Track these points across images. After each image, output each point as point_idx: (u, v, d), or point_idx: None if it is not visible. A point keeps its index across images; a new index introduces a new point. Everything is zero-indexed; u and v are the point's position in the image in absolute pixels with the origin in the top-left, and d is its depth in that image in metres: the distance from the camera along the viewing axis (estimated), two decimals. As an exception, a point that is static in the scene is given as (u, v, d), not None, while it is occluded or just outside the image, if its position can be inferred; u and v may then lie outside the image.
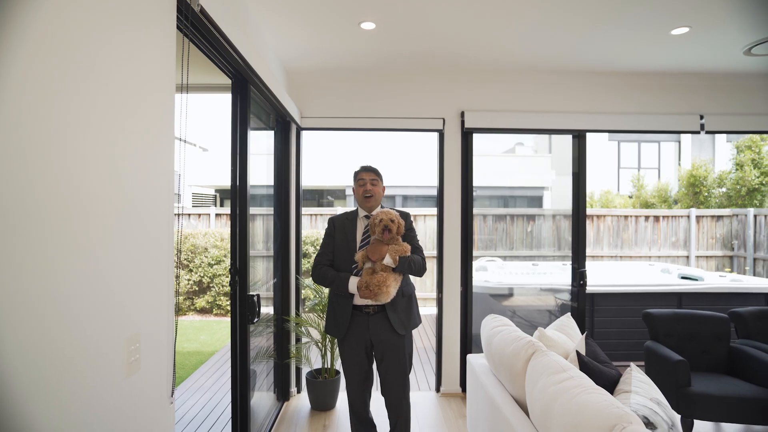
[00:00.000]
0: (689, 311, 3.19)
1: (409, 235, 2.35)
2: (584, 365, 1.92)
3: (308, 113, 3.53)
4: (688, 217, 7.99)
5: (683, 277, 5.61)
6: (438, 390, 3.64)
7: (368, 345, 2.30)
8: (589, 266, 7.27)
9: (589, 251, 8.09)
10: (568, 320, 2.46)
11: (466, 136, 3.55)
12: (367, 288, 2.11)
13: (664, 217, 8.11)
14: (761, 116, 3.52)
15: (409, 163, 10.67)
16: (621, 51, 2.97)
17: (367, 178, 2.35)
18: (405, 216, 2.35)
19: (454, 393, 3.58)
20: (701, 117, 3.52)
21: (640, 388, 1.78)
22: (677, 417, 1.72)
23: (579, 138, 3.65)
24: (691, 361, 3.04)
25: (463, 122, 3.50)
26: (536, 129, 3.59)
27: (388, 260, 2.16)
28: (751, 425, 2.91)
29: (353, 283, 2.21)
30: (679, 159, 13.10)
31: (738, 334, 3.26)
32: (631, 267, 6.84)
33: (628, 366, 1.98)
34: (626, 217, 8.09)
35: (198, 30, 1.68)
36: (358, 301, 2.25)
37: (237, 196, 2.42)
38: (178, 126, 1.48)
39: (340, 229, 2.37)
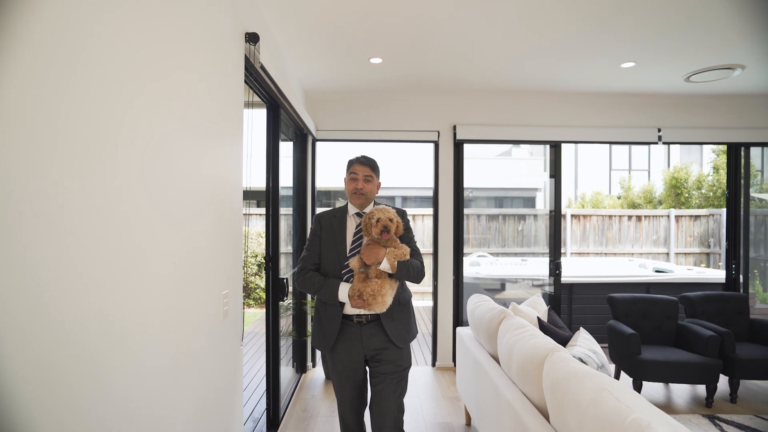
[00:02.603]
0: (645, 295, 3.78)
1: (407, 236, 2.09)
2: (543, 327, 2.51)
3: (322, 126, 4.12)
4: (668, 216, 8.59)
5: (657, 271, 6.22)
6: (434, 365, 4.23)
7: (361, 358, 2.03)
8: (575, 262, 7.88)
9: (575, 249, 8.69)
10: (537, 298, 3.05)
11: (458, 146, 4.14)
12: (360, 297, 1.86)
13: (645, 216, 8.72)
14: (708, 129, 4.11)
15: (408, 166, 11.24)
16: (585, 78, 3.56)
17: (361, 173, 2.05)
18: (401, 214, 2.10)
19: (448, 367, 4.17)
20: (659, 130, 4.11)
21: (582, 343, 2.37)
22: (607, 362, 2.30)
23: (555, 148, 4.25)
24: (645, 335, 3.63)
25: (455, 134, 4.09)
26: (518, 140, 4.18)
27: (385, 265, 1.89)
28: (690, 384, 3.51)
29: (344, 290, 1.93)
30: (669, 162, 13.72)
31: (687, 314, 3.85)
32: (612, 262, 7.44)
33: (579, 330, 2.56)
34: (610, 216, 8.69)
35: (253, 76, 2.27)
36: (349, 309, 1.98)
37: (270, 198, 3.00)
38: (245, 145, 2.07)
39: (327, 228, 2.08)
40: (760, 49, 2.89)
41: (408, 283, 2.12)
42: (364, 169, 2.06)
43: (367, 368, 2.09)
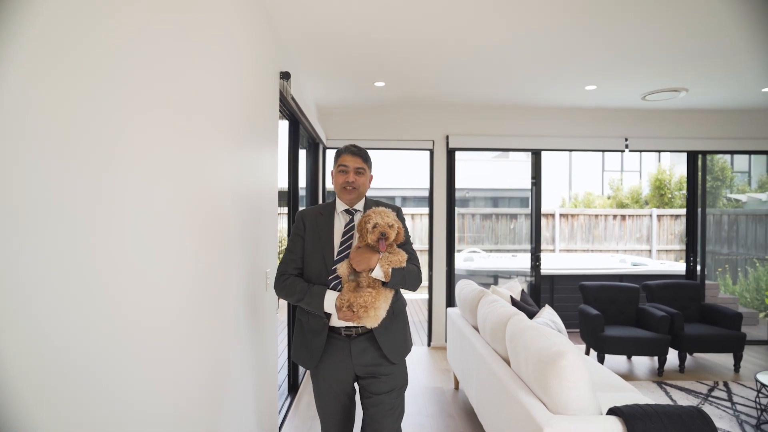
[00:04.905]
0: (611, 283, 4.37)
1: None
2: (515, 303, 3.11)
3: (332, 136, 4.71)
4: (651, 216, 9.19)
5: (634, 264, 6.82)
6: (429, 344, 4.83)
7: (350, 377, 1.81)
8: (561, 257, 8.47)
9: (564, 246, 9.29)
10: (514, 283, 3.64)
11: (450, 153, 4.73)
12: (349, 309, 1.66)
13: (630, 216, 9.31)
14: (669, 139, 4.71)
15: (407, 169, 11.81)
16: (559, 96, 4.15)
17: (352, 165, 1.81)
18: (396, 212, 1.81)
19: (441, 346, 4.76)
20: (626, 139, 4.70)
21: (545, 315, 2.97)
22: (564, 329, 2.89)
23: (536, 155, 4.84)
24: (610, 317, 4.21)
25: (447, 143, 4.68)
26: (504, 148, 4.77)
27: (378, 273, 1.68)
28: (643, 356, 4.12)
29: (330, 299, 1.69)
30: (660, 163, 14.29)
31: (648, 300, 4.45)
32: (595, 257, 8.03)
33: (545, 306, 3.15)
34: (597, 216, 9.28)
35: (284, 104, 2.86)
36: (336, 320, 1.74)
37: (291, 198, 3.59)
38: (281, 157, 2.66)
39: (311, 227, 1.84)
40: (698, 76, 3.48)
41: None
42: (355, 160, 1.82)
43: (356, 387, 1.87)
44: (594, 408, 1.76)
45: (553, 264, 6.93)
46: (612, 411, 1.73)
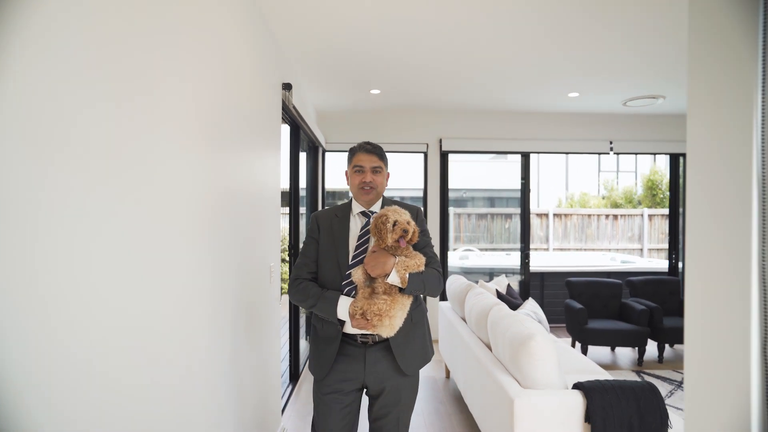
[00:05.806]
0: (596, 279, 4.60)
1: (422, 240, 1.74)
2: (500, 296, 3.34)
3: (330, 139, 4.95)
4: (642, 215, 9.42)
5: (623, 262, 7.05)
6: (423, 338, 5.06)
7: (359, 388, 1.72)
8: (554, 255, 8.70)
9: (557, 245, 9.52)
10: (501, 279, 3.87)
11: (444, 156, 4.97)
12: (363, 317, 1.57)
13: (622, 215, 9.54)
14: (652, 142, 4.95)
15: (404, 170, 12.02)
16: (545, 102, 4.39)
17: (368, 164, 1.73)
18: (416, 213, 1.77)
19: (434, 339, 4.99)
20: (611, 142, 4.94)
21: (528, 307, 3.20)
22: (545, 319, 3.13)
23: (525, 157, 5.07)
24: (594, 311, 4.44)
25: (441, 146, 4.92)
26: (495, 151, 5.01)
27: (394, 278, 1.60)
28: (624, 347, 4.38)
29: (344, 306, 1.62)
30: (654, 164, 14.54)
31: (630, 295, 4.68)
32: (586, 256, 8.27)
33: (529, 299, 3.39)
34: (590, 215, 9.52)
35: (286, 111, 3.09)
36: (350, 328, 1.67)
37: (292, 198, 3.82)
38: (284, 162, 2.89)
39: (326, 229, 1.77)
40: (675, 84, 3.71)
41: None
42: (371, 158, 1.74)
43: (363, 397, 1.79)
44: (560, 384, 1.99)
45: (545, 262, 7.17)
46: (575, 386, 1.96)
